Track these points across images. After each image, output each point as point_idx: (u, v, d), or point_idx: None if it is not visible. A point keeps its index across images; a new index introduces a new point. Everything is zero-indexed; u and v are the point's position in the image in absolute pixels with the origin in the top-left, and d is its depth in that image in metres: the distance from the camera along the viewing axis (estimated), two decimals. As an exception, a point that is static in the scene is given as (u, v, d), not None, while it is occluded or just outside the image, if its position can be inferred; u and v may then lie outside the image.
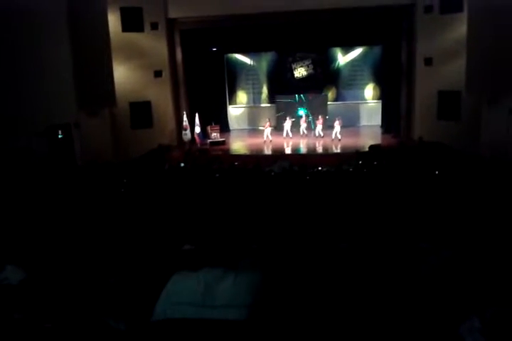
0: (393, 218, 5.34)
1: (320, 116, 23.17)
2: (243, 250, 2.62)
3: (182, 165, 16.26)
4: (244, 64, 27.06)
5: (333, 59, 26.45)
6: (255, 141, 23.02)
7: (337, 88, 26.60)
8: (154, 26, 21.12)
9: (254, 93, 27.38)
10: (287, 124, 22.96)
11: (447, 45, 19.18)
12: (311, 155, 19.72)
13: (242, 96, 27.45)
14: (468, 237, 3.83)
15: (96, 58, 17.63)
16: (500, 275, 2.79)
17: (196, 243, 3.44)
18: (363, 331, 2.34)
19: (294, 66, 26.56)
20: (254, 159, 16.90)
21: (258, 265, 2.59)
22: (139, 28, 20.82)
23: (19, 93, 15.07)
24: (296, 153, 20.41)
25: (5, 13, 14.46)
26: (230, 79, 27.03)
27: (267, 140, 22.38)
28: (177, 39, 22.28)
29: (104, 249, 3.82)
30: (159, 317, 2.28)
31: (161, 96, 21.92)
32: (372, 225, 4.92)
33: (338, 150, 20.54)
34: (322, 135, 22.57)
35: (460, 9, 18.36)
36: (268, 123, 22.58)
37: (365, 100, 26.70)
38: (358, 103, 26.64)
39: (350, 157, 17.46)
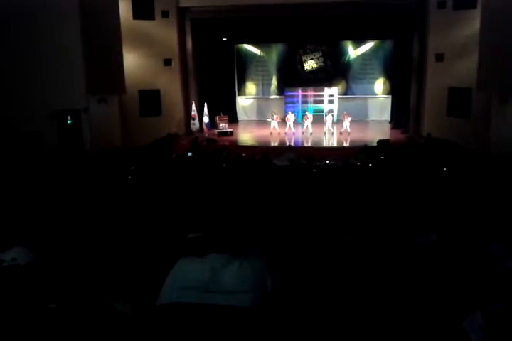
0: (398, 213, 5.34)
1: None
2: (248, 239, 2.64)
3: (189, 154, 16.30)
4: (254, 55, 26.97)
5: (343, 52, 26.30)
6: (263, 132, 22.97)
7: (347, 81, 26.48)
8: (165, 14, 21.07)
9: (263, 84, 27.30)
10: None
11: (459, 42, 19.02)
12: (319, 149, 19.67)
13: (251, 87, 27.38)
14: (473, 233, 3.84)
15: (106, 45, 17.60)
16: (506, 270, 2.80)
17: (202, 231, 3.46)
18: (366, 323, 2.36)
19: (304, 58, 26.44)
20: (262, 150, 16.90)
21: (263, 253, 2.61)
22: (149, 16, 20.75)
23: (30, 78, 15.11)
24: (303, 146, 20.35)
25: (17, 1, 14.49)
26: (239, 70, 26.97)
27: (275, 132, 22.29)
28: (188, 28, 22.18)
29: (112, 234, 3.86)
30: (165, 301, 2.31)
31: (170, 85, 21.90)
32: (377, 219, 4.94)
33: (347, 144, 20.46)
34: (332, 130, 22.52)
35: (473, 6, 18.21)
36: (276, 116, 22.43)
37: (375, 94, 26.57)
38: (368, 97, 26.53)
39: (358, 151, 17.43)
